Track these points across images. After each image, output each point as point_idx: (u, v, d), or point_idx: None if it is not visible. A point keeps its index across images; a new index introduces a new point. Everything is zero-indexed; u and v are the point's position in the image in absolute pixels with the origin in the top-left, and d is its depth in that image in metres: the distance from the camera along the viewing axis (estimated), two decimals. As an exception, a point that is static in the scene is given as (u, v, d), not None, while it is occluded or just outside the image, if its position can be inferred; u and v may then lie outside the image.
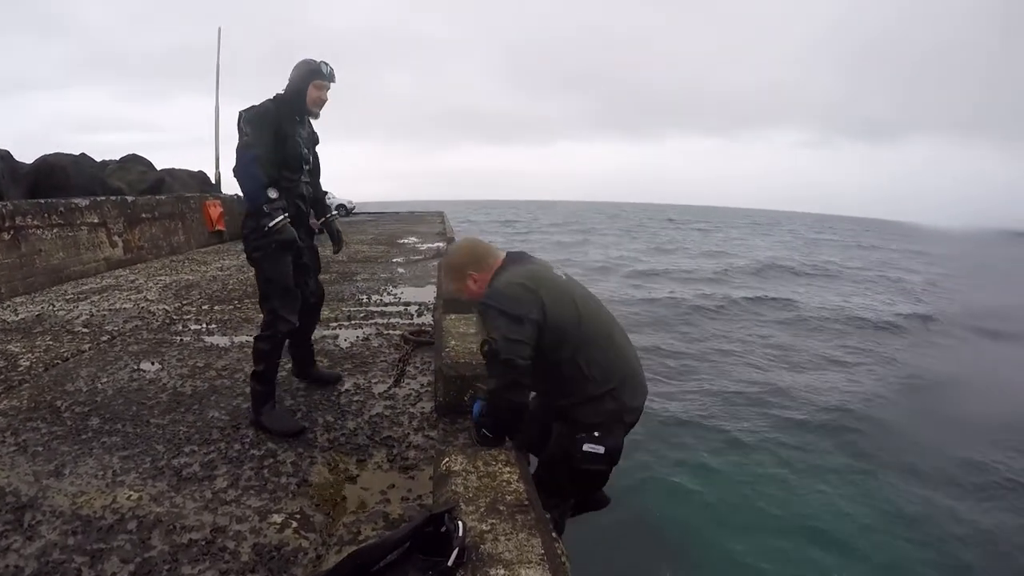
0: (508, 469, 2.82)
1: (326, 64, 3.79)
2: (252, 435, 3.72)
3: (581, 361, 2.80)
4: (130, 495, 3.05)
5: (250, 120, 3.62)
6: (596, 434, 2.83)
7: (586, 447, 2.83)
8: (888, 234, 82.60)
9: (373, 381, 4.78)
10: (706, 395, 11.61)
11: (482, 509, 2.48)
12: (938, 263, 42.00)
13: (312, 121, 4.07)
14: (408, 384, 4.70)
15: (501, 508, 2.49)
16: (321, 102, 3.86)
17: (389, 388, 4.62)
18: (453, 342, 4.34)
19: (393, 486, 3.12)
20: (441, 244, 14.89)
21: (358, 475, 3.24)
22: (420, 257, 12.57)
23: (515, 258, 3.05)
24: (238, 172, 3.57)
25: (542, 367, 2.79)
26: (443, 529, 2.21)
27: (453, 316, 5.18)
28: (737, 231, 76.51)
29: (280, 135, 3.72)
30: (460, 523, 2.24)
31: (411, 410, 4.16)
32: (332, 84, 3.89)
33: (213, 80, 21.40)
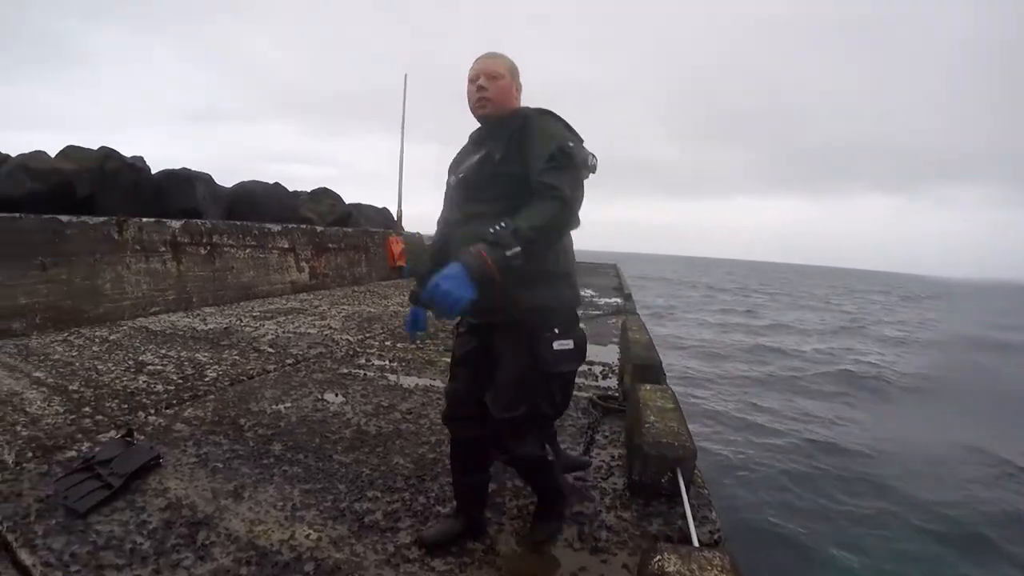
0: (729, 577, 2.42)
1: (593, 156, 3.81)
2: (437, 490, 3.48)
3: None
4: (309, 533, 2.88)
5: None
6: (556, 330, 2.50)
7: (556, 345, 2.48)
8: None
9: (562, 447, 4.48)
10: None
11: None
12: None
13: None
14: (598, 455, 4.35)
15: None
16: None
17: (579, 457, 4.30)
18: (653, 417, 3.97)
19: (584, 569, 2.78)
20: (619, 300, 14.29)
21: (547, 550, 2.92)
22: (599, 312, 12.00)
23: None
24: None
25: None
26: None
27: (648, 387, 4.80)
28: (918, 306, 63.40)
29: None
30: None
31: (602, 485, 3.81)
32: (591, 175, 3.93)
33: (390, 121, 22.61)
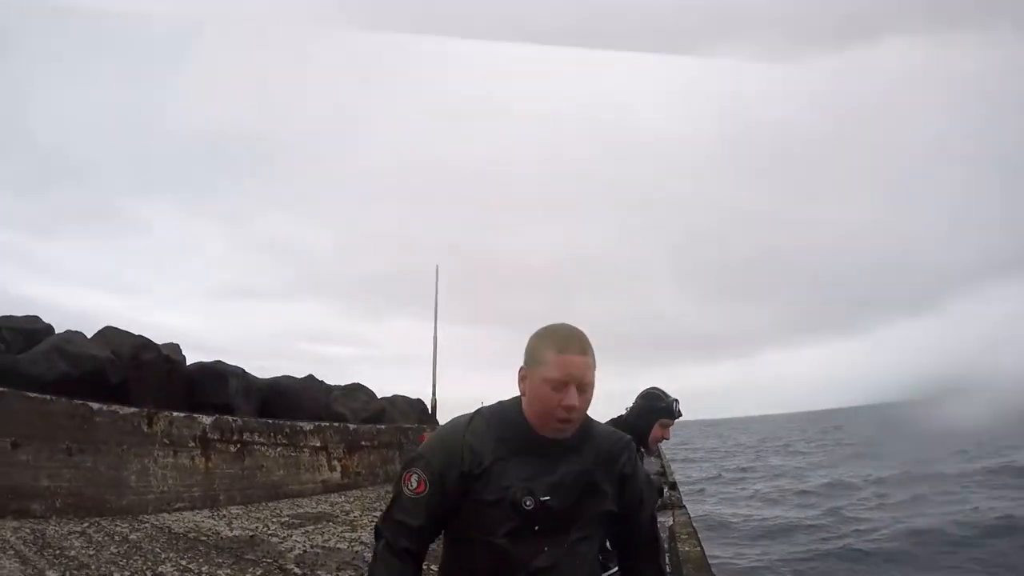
0: None
1: (677, 402, 3.50)
2: None
3: None
4: None
5: None
6: None
7: None
8: None
9: None
10: None
11: None
12: None
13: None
14: None
15: None
16: (663, 440, 3.60)
17: None
18: None
19: None
20: (664, 489, 13.09)
21: None
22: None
23: None
24: None
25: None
26: None
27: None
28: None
29: None
30: None
31: None
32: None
33: (424, 304, 22.80)
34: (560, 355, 1.75)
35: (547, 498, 1.75)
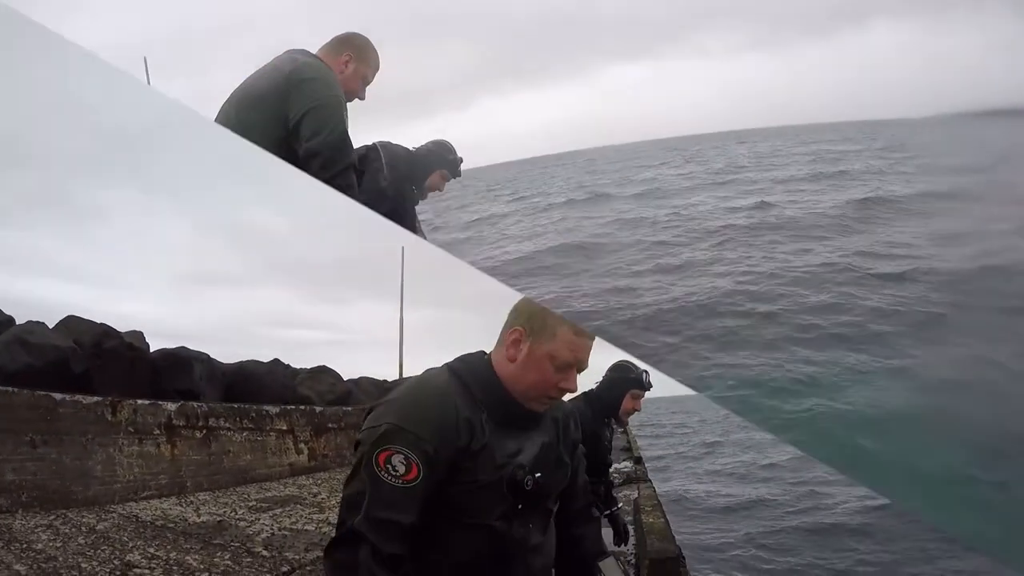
0: None
1: (647, 373, 3.57)
2: None
3: None
4: None
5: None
6: None
7: None
8: None
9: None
10: None
11: None
12: None
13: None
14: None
15: None
16: (634, 412, 3.70)
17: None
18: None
19: None
20: (629, 464, 13.31)
21: None
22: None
23: None
24: None
25: None
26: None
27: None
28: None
29: (592, 437, 3.32)
30: None
31: None
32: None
33: (389, 286, 22.58)
34: (578, 337, 1.63)
35: (539, 474, 1.61)
